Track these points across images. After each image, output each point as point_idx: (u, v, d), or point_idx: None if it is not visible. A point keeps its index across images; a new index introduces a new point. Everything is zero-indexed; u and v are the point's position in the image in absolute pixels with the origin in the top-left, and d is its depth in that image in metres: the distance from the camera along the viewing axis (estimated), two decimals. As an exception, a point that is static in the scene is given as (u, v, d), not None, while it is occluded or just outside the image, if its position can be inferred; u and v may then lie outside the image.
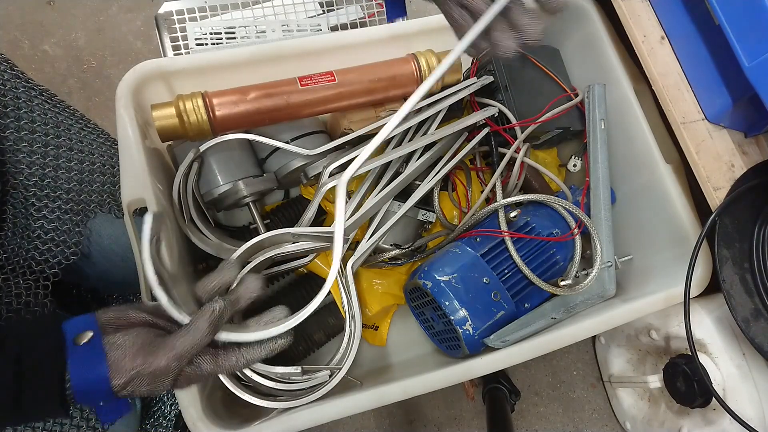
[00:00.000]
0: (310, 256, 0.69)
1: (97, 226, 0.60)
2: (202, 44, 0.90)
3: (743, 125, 0.70)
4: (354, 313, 0.66)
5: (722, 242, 0.65)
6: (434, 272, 0.67)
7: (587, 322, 0.66)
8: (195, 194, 0.68)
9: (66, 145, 0.59)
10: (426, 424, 0.96)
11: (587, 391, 1.02)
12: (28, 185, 0.54)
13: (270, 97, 0.65)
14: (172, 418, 0.70)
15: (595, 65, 0.80)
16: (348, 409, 0.58)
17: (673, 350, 0.80)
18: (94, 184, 0.61)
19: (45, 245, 0.55)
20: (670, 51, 0.72)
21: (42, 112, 0.57)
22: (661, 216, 0.74)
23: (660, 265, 0.75)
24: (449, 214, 0.79)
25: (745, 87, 0.62)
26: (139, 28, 1.13)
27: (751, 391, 0.70)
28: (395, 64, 0.71)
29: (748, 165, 0.69)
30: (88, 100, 1.07)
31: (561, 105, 0.79)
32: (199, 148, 0.67)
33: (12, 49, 1.08)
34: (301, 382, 0.62)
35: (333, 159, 0.70)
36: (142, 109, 0.67)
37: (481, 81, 0.77)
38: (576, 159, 0.87)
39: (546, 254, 0.71)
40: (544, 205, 0.75)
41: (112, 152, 0.65)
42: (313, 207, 0.69)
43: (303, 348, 0.75)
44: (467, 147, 0.75)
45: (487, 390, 0.93)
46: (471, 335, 0.65)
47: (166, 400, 0.70)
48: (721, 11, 0.62)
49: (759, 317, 0.63)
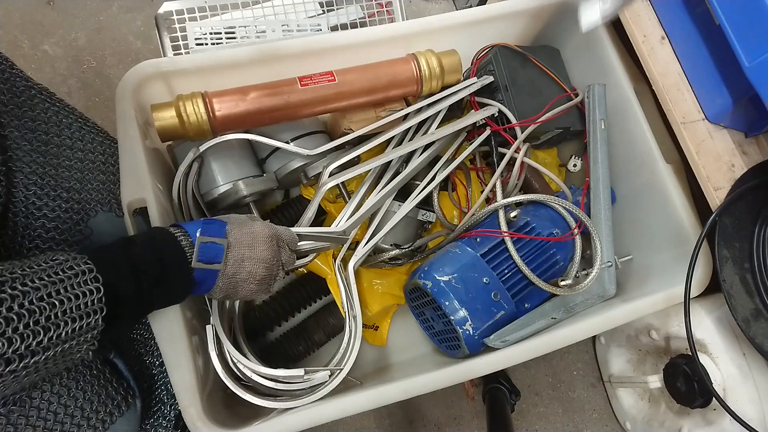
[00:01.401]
0: (310, 256, 0.69)
1: (98, 225, 0.60)
2: (202, 44, 0.90)
3: (743, 125, 0.70)
4: (355, 313, 0.66)
5: (722, 242, 0.65)
6: (434, 272, 0.67)
7: (587, 322, 0.66)
8: (195, 194, 0.68)
9: (66, 144, 0.59)
10: (426, 424, 0.96)
11: (587, 391, 1.02)
12: (29, 184, 0.54)
13: (270, 97, 0.65)
14: (172, 418, 0.70)
15: (595, 65, 0.80)
16: (348, 409, 0.58)
17: (673, 350, 0.80)
18: (95, 183, 0.61)
19: (46, 244, 0.55)
20: (670, 51, 0.72)
21: (42, 110, 0.57)
22: (661, 216, 0.73)
23: (660, 265, 0.75)
24: (449, 214, 0.79)
25: (745, 87, 0.62)
26: (139, 28, 1.13)
27: (751, 391, 0.70)
28: (395, 64, 0.71)
29: (748, 165, 0.69)
30: (88, 100, 1.07)
31: (561, 105, 0.79)
32: (199, 148, 0.67)
33: (12, 49, 1.07)
34: (302, 383, 0.62)
35: (333, 159, 0.70)
36: (142, 109, 0.67)
37: (481, 81, 0.77)
38: (576, 159, 0.87)
39: (546, 254, 0.71)
40: (544, 205, 0.75)
41: (112, 151, 0.64)
42: (313, 207, 0.69)
43: (303, 348, 0.75)
44: (469, 148, 0.75)
45: (487, 390, 0.93)
46: (471, 335, 0.64)
47: (165, 400, 0.70)
48: (721, 11, 0.62)
49: (759, 317, 0.63)
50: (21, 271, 0.39)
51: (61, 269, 0.41)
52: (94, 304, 0.42)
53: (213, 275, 0.50)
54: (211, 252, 0.50)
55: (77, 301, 0.41)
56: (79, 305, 0.41)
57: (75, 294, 0.41)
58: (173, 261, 0.48)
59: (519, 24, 0.84)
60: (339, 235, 0.66)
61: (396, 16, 1.00)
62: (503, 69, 0.77)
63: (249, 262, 0.52)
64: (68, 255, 0.43)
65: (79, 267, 0.42)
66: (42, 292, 0.39)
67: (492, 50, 0.79)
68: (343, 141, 0.72)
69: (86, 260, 0.43)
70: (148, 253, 0.46)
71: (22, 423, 0.49)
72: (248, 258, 0.52)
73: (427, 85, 0.72)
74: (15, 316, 0.36)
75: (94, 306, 0.42)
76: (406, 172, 0.71)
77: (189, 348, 0.57)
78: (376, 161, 0.69)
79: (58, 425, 0.51)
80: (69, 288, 0.40)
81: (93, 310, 0.42)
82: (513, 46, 0.79)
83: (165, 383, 0.70)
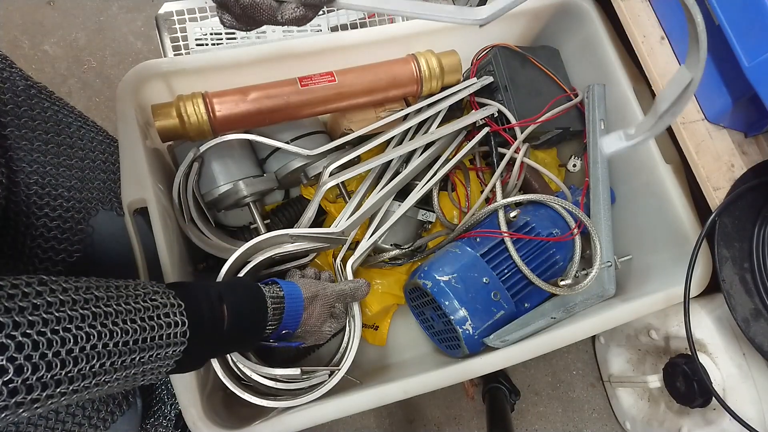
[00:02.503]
0: (310, 255, 0.69)
1: (99, 224, 0.60)
2: (202, 44, 0.90)
3: (743, 125, 0.70)
4: (354, 312, 0.66)
5: (722, 242, 0.65)
6: (434, 272, 0.67)
7: (587, 322, 0.66)
8: (195, 194, 0.68)
9: (67, 143, 0.59)
10: (426, 424, 0.96)
11: (587, 390, 1.02)
12: (30, 183, 0.54)
13: (270, 97, 0.65)
14: (172, 418, 0.70)
15: (595, 65, 0.80)
16: (348, 408, 0.58)
17: (672, 350, 0.80)
18: (96, 182, 0.61)
19: (48, 243, 0.55)
20: (670, 51, 0.72)
21: (42, 110, 0.57)
22: (660, 216, 0.73)
23: (660, 265, 0.75)
24: (449, 214, 0.79)
25: (745, 87, 0.62)
26: (139, 28, 1.13)
27: (751, 391, 0.70)
28: (395, 65, 0.71)
29: (748, 165, 0.69)
30: (89, 100, 1.07)
31: (561, 105, 0.79)
32: (199, 148, 0.67)
33: (12, 49, 1.07)
34: (301, 382, 0.62)
35: (333, 159, 0.70)
36: (143, 109, 0.67)
37: (481, 81, 0.77)
38: (576, 159, 0.87)
39: (546, 254, 0.71)
40: (544, 205, 0.75)
41: (112, 150, 0.65)
42: (313, 207, 0.69)
43: (303, 347, 0.75)
44: (467, 147, 0.76)
45: (487, 390, 0.93)
46: (471, 335, 0.65)
47: (166, 400, 0.70)
48: (721, 11, 0.62)
49: (759, 317, 0.63)
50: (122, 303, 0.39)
51: (159, 296, 0.42)
52: (176, 337, 0.42)
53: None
54: (287, 328, 0.54)
55: (168, 330, 0.41)
56: (167, 334, 0.41)
57: (165, 323, 0.41)
58: (254, 334, 0.51)
59: (519, 24, 0.84)
60: (337, 235, 0.66)
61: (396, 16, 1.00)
62: (503, 69, 0.77)
63: (317, 330, 0.58)
64: (162, 291, 0.43)
65: (168, 299, 0.42)
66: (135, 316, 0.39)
67: (492, 50, 0.79)
68: (343, 141, 0.72)
69: (178, 300, 0.43)
70: (236, 330, 0.47)
71: (24, 422, 0.49)
72: (316, 327, 0.58)
73: (427, 85, 0.72)
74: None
75: (176, 339, 0.42)
76: (406, 172, 0.71)
77: (189, 348, 0.57)
78: (376, 161, 0.69)
79: (60, 424, 0.51)
80: (162, 316, 0.41)
81: (174, 342, 0.42)
82: (513, 46, 0.79)
83: (165, 383, 0.70)
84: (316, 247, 0.67)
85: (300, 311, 0.55)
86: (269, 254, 0.63)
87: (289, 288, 0.55)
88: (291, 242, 0.65)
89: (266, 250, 0.64)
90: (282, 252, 0.64)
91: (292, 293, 0.55)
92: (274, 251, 0.64)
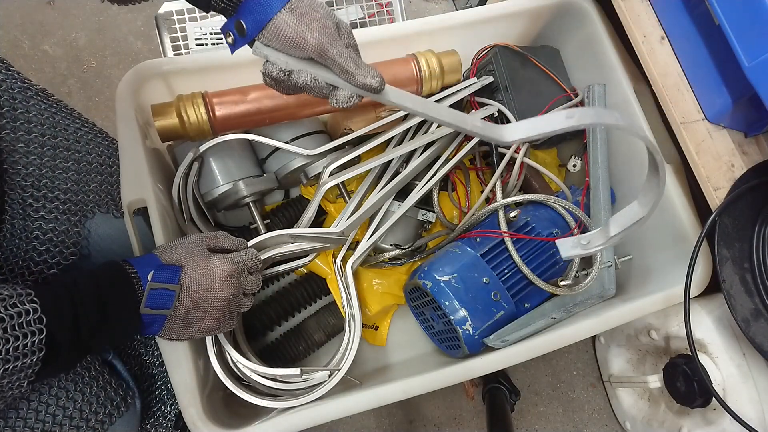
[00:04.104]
0: (310, 255, 0.69)
1: (96, 226, 0.60)
2: (202, 44, 0.90)
3: (743, 125, 0.70)
4: (354, 312, 0.66)
5: (722, 242, 0.65)
6: (434, 272, 0.67)
7: (587, 322, 0.66)
8: (195, 194, 0.68)
9: (63, 145, 0.58)
10: (426, 424, 0.96)
11: (587, 390, 1.02)
12: (26, 186, 0.54)
13: (270, 97, 0.65)
14: (172, 418, 0.70)
15: (595, 65, 0.80)
16: (347, 408, 0.58)
17: (673, 350, 0.80)
18: (92, 184, 0.60)
19: (43, 246, 0.55)
20: (670, 51, 0.72)
21: (38, 112, 0.57)
22: (661, 216, 0.73)
23: (660, 265, 0.75)
24: (449, 214, 0.79)
25: (745, 87, 0.62)
26: (139, 28, 1.13)
27: (751, 391, 0.70)
28: (395, 65, 0.71)
29: (748, 165, 0.69)
30: (89, 100, 1.07)
31: (561, 105, 0.79)
32: (199, 148, 0.67)
33: (12, 49, 1.08)
34: (301, 382, 0.62)
35: (333, 159, 0.70)
36: (142, 109, 0.67)
37: (481, 81, 0.77)
38: (576, 159, 0.87)
39: (546, 254, 0.71)
40: (544, 205, 0.75)
41: (111, 151, 0.64)
42: (313, 207, 0.69)
43: (303, 348, 0.75)
44: (467, 147, 0.76)
45: (487, 390, 0.93)
46: (471, 335, 0.65)
47: (166, 400, 0.70)
48: (721, 11, 0.62)
49: (759, 317, 0.63)
50: None
51: (3, 306, 0.39)
52: (33, 345, 0.40)
53: (162, 318, 0.49)
54: (161, 298, 0.48)
55: (16, 342, 0.38)
56: (18, 346, 0.38)
57: (15, 335, 0.38)
58: (119, 305, 0.46)
59: (519, 24, 0.84)
60: (337, 235, 0.66)
61: (396, 16, 1.00)
62: (503, 69, 0.77)
63: (204, 304, 0.51)
64: (14, 291, 0.41)
65: (23, 306, 0.40)
66: None
67: (492, 50, 0.79)
68: (343, 141, 0.72)
69: (32, 298, 0.41)
70: (91, 298, 0.44)
71: (21, 426, 0.49)
72: (202, 300, 0.50)
73: (427, 85, 0.72)
74: None
75: (33, 347, 0.40)
76: (406, 172, 0.71)
77: (189, 348, 0.57)
78: (376, 161, 0.69)
79: (57, 427, 0.51)
80: (9, 329, 0.38)
81: (32, 350, 0.40)
82: (513, 46, 0.79)
83: (165, 383, 0.70)
84: (316, 247, 0.67)
85: (171, 294, 0.49)
86: (269, 254, 0.63)
87: (161, 273, 0.49)
88: (291, 242, 0.65)
89: (266, 250, 0.64)
90: (282, 252, 0.64)
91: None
92: (274, 251, 0.64)
